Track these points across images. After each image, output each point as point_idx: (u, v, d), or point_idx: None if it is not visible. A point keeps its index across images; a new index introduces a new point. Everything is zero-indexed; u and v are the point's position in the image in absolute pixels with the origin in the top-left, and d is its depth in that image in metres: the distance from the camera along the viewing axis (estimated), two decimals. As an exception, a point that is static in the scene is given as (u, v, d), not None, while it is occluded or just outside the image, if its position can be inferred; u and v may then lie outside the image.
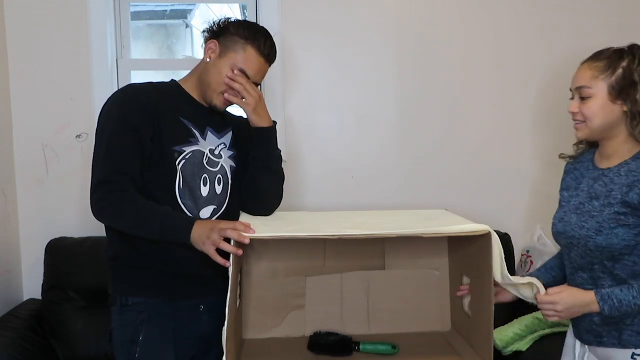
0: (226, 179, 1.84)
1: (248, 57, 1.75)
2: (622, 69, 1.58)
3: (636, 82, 1.58)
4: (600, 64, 1.61)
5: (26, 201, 2.56)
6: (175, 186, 1.74)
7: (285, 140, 2.58)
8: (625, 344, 1.61)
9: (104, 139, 1.71)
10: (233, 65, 1.75)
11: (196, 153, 1.77)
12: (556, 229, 1.75)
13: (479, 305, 1.70)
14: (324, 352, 1.82)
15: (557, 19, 2.64)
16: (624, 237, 1.57)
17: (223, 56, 1.76)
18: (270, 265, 1.90)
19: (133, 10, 2.64)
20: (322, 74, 2.63)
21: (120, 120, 1.70)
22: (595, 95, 1.60)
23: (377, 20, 2.62)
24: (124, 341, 1.76)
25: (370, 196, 2.64)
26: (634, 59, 1.59)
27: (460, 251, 1.84)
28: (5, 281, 2.46)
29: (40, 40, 2.50)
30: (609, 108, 1.60)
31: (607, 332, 1.64)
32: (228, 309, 1.57)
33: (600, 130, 1.63)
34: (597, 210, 1.62)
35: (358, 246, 1.87)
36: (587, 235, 1.61)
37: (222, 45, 1.77)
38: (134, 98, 1.74)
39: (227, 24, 1.79)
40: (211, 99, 1.78)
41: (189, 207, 1.76)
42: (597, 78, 1.60)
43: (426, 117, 2.66)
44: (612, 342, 1.63)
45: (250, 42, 1.75)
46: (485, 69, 2.65)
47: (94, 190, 1.69)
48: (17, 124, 2.52)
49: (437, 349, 1.85)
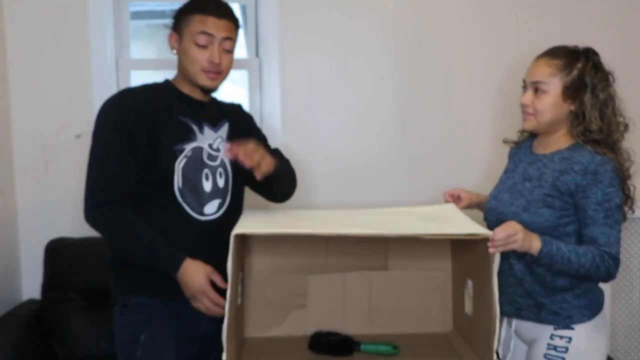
0: (227, 171, 1.84)
1: (199, 21, 1.76)
2: (578, 71, 1.70)
3: (587, 85, 1.69)
4: (559, 62, 1.71)
5: (26, 201, 2.55)
6: (175, 186, 1.74)
7: (285, 140, 2.58)
8: (542, 321, 1.74)
9: (99, 145, 1.73)
10: (192, 38, 1.75)
11: (196, 149, 1.78)
12: (489, 206, 1.85)
13: (481, 308, 1.70)
14: (325, 351, 1.82)
15: (558, 18, 2.64)
16: (548, 218, 1.70)
17: (182, 39, 1.78)
18: (273, 263, 1.90)
19: (133, 10, 2.64)
20: (322, 74, 2.63)
21: (116, 126, 1.72)
22: (549, 91, 1.71)
23: (377, 20, 2.62)
24: (126, 341, 1.76)
25: (370, 195, 2.64)
26: (588, 63, 1.70)
27: (463, 252, 1.84)
28: (5, 281, 2.46)
29: (40, 40, 2.50)
30: (560, 106, 1.72)
31: (527, 307, 1.75)
32: (228, 305, 1.57)
33: (547, 125, 1.75)
34: (528, 191, 1.76)
35: (360, 246, 1.87)
36: (515, 212, 1.74)
37: (178, 31, 1.80)
38: (130, 102, 1.75)
39: (175, 12, 1.82)
40: (197, 81, 1.79)
41: (191, 205, 1.76)
42: (555, 76, 1.71)
43: (426, 116, 2.66)
44: (529, 317, 1.76)
45: (194, 11, 1.77)
46: (486, 69, 2.65)
47: (88, 197, 1.73)
48: (17, 123, 2.52)
49: (439, 350, 1.85)
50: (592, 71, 1.70)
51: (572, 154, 1.71)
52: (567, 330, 1.72)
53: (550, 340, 1.72)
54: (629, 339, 2.66)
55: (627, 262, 2.62)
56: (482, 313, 1.69)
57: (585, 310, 1.73)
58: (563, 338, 1.71)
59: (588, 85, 1.69)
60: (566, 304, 1.72)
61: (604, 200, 1.65)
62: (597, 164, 1.66)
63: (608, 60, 1.76)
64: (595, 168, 1.66)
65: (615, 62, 1.78)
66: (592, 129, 1.69)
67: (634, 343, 2.66)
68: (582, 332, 1.72)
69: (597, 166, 1.66)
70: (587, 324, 1.72)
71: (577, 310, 1.72)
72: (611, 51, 1.86)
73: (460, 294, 1.86)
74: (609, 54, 1.80)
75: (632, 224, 2.59)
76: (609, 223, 1.65)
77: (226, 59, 1.80)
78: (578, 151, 1.71)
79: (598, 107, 1.70)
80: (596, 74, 1.71)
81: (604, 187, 1.65)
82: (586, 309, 1.73)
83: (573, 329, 1.72)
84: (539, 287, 1.74)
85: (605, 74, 1.73)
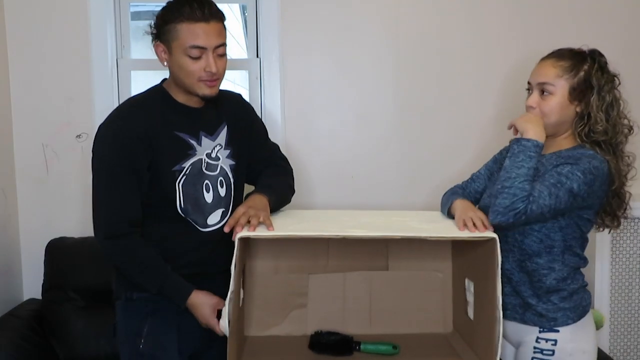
0: (228, 179, 1.83)
1: (187, 32, 1.65)
2: (584, 72, 1.69)
3: (593, 87, 1.69)
4: (565, 63, 1.71)
5: (26, 201, 2.55)
6: (177, 206, 1.74)
7: (285, 140, 2.58)
8: (527, 322, 1.75)
9: (102, 177, 1.71)
10: (184, 51, 1.66)
11: (195, 163, 1.76)
12: (484, 203, 1.83)
13: (483, 310, 1.70)
14: (325, 351, 1.82)
15: (561, 21, 2.63)
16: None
17: (172, 50, 1.68)
18: (274, 263, 1.90)
19: (133, 10, 2.64)
20: (322, 74, 2.63)
21: (117, 157, 1.68)
22: (556, 93, 1.70)
23: (377, 20, 2.62)
24: (129, 334, 1.77)
25: (370, 196, 2.64)
26: (594, 65, 1.70)
27: (464, 254, 1.84)
28: (6, 281, 2.46)
29: (41, 40, 2.50)
30: (566, 107, 1.71)
31: (512, 307, 1.75)
32: (231, 306, 1.58)
33: (553, 126, 1.73)
34: None
35: (361, 247, 1.87)
36: None
37: (164, 41, 1.69)
38: (126, 127, 1.69)
39: (156, 20, 1.71)
40: (196, 92, 1.72)
41: (195, 220, 1.77)
42: (561, 77, 1.70)
43: (426, 116, 2.66)
44: (513, 317, 1.76)
45: (179, 19, 1.65)
46: (487, 70, 2.65)
47: (97, 231, 1.73)
48: (17, 124, 2.52)
49: (439, 350, 1.85)
50: (598, 72, 1.70)
51: (569, 153, 1.71)
52: (551, 332, 1.72)
53: (536, 343, 1.73)
54: (629, 339, 2.66)
55: (627, 262, 2.62)
56: (483, 315, 1.69)
57: (570, 312, 1.72)
58: (549, 341, 1.71)
59: (594, 87, 1.69)
60: (552, 306, 1.72)
61: (565, 174, 1.62)
62: (586, 155, 1.66)
63: (613, 64, 1.76)
64: (580, 157, 1.66)
65: (619, 65, 1.78)
66: (597, 130, 1.69)
67: (634, 343, 2.66)
68: (567, 334, 1.71)
69: (583, 156, 1.66)
70: (571, 326, 1.72)
71: (562, 312, 1.72)
72: (616, 54, 1.85)
73: (461, 295, 1.86)
74: (614, 56, 1.80)
75: (632, 224, 2.59)
76: (552, 190, 1.61)
77: (221, 63, 1.72)
78: (578, 150, 1.71)
79: (604, 109, 1.69)
80: (602, 76, 1.70)
81: (573, 169, 1.63)
82: (571, 311, 1.72)
83: (558, 331, 1.71)
84: (527, 286, 1.74)
85: (611, 76, 1.72)
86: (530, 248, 1.72)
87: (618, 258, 2.60)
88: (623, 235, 2.59)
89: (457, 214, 1.75)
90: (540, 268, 1.72)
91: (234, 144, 1.85)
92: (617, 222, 1.80)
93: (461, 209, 1.76)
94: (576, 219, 1.70)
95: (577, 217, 1.70)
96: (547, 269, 1.72)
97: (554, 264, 1.72)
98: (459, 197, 1.86)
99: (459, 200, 1.83)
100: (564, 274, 1.73)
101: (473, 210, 1.74)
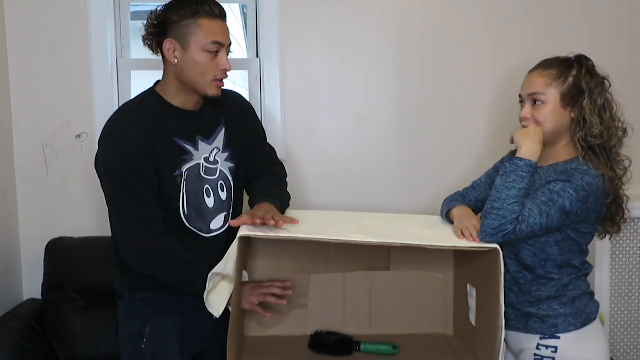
0: (228, 183, 1.83)
1: (208, 28, 1.66)
2: (573, 78, 1.70)
3: (584, 91, 1.69)
4: (553, 72, 1.71)
5: (26, 201, 2.55)
6: (181, 212, 1.74)
7: (285, 140, 2.58)
8: (529, 330, 1.73)
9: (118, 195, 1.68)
10: (203, 47, 1.66)
11: (192, 168, 1.75)
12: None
13: (485, 317, 1.70)
14: (325, 351, 1.82)
15: (557, 23, 2.64)
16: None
17: (187, 47, 1.67)
18: (275, 264, 1.90)
19: (133, 10, 2.64)
20: (322, 74, 2.63)
21: (125, 169, 1.65)
22: (548, 101, 1.70)
23: (377, 20, 2.62)
24: (132, 332, 1.78)
25: (370, 195, 2.64)
26: (582, 69, 1.70)
27: (467, 261, 1.84)
28: (6, 281, 2.46)
29: (41, 40, 2.50)
30: (560, 114, 1.71)
31: (515, 317, 1.74)
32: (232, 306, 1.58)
33: (550, 135, 1.72)
34: None
35: (362, 250, 1.86)
36: None
37: (178, 38, 1.67)
38: (127, 140, 1.66)
39: (165, 17, 1.69)
40: (206, 92, 1.71)
41: (199, 227, 1.77)
42: (550, 85, 1.70)
43: (426, 117, 2.66)
44: (517, 327, 1.75)
45: (198, 15, 1.66)
46: (487, 71, 2.65)
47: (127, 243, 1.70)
48: (17, 124, 2.52)
49: (439, 350, 1.86)
50: (587, 76, 1.70)
51: (566, 167, 1.70)
52: (552, 339, 1.69)
53: (537, 350, 1.71)
54: (629, 339, 2.66)
55: (627, 262, 2.62)
56: (486, 322, 1.69)
57: (572, 319, 1.70)
58: (549, 348, 1.69)
59: (585, 91, 1.69)
60: (552, 312, 1.70)
61: (557, 192, 1.61)
62: (579, 172, 1.65)
63: (606, 68, 1.76)
64: (573, 173, 1.65)
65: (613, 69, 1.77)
66: (594, 134, 1.67)
67: (634, 343, 2.66)
68: (568, 342, 1.69)
69: (576, 173, 1.65)
70: (573, 333, 1.69)
71: (564, 318, 1.69)
72: (609, 58, 1.85)
73: (462, 298, 1.86)
74: (607, 61, 1.79)
75: (632, 224, 2.59)
76: (542, 209, 1.61)
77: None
78: (572, 165, 1.69)
79: (597, 112, 1.69)
80: (592, 79, 1.70)
81: (565, 187, 1.62)
82: (573, 317, 1.70)
83: (559, 338, 1.69)
84: (525, 298, 1.73)
85: (600, 79, 1.72)
86: (525, 261, 1.71)
87: (618, 258, 2.60)
88: (623, 236, 2.59)
89: (455, 222, 1.76)
90: (538, 278, 1.71)
91: (232, 145, 1.84)
92: (618, 228, 1.79)
93: (458, 217, 1.78)
94: (572, 233, 1.69)
95: (573, 231, 1.69)
96: (546, 279, 1.71)
97: (552, 275, 1.71)
98: (457, 204, 1.87)
99: (457, 208, 1.84)
100: (565, 282, 1.71)
101: (469, 219, 1.74)
